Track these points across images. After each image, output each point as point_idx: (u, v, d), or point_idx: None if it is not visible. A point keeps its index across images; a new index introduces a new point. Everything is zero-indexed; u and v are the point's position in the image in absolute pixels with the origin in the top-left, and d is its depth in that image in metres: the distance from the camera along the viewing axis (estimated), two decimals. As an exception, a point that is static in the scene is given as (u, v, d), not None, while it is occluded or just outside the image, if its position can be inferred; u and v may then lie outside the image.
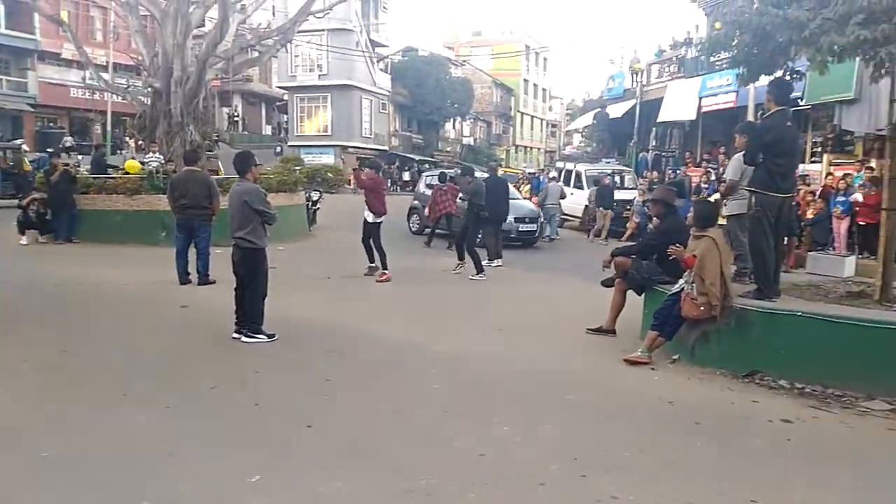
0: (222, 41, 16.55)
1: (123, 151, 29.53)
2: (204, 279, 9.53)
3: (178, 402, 4.98)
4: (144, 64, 16.92)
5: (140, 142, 19.45)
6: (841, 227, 12.76)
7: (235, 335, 6.71)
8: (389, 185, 35.74)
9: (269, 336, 6.67)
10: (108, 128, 34.46)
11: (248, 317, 6.72)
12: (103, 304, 8.45)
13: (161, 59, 16.01)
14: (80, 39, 21.82)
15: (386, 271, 10.39)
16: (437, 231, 15.94)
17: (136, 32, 17.09)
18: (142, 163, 15.51)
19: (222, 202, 8.64)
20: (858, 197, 12.63)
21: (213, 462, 3.98)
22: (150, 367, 5.85)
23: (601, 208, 18.27)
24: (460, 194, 14.03)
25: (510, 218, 15.18)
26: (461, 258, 11.53)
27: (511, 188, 18.08)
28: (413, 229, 18.17)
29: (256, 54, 21.57)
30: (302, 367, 5.93)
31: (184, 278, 9.55)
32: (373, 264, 10.64)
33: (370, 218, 10.52)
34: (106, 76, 23.84)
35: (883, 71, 6.31)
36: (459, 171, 14.36)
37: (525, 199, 19.77)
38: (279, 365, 5.97)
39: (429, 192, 16.64)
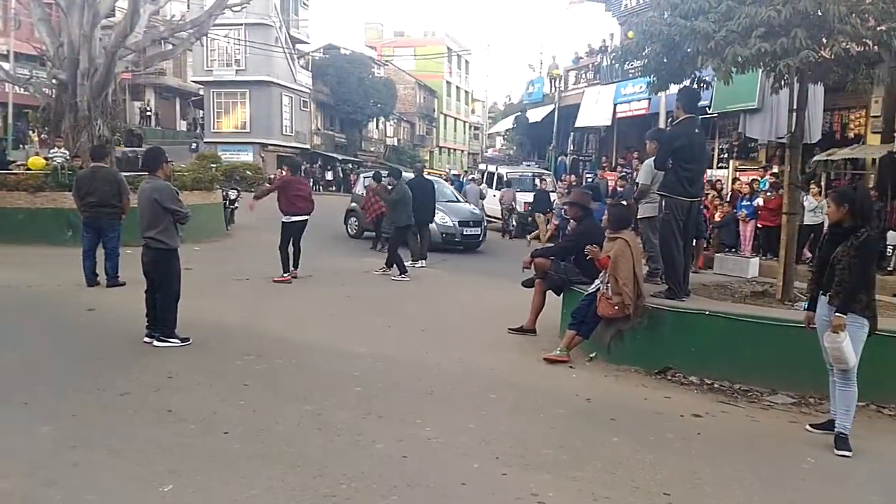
0: (133, 32, 15.89)
1: (26, 146, 27.89)
2: (113, 281, 9.11)
3: (86, 409, 4.74)
4: (48, 54, 16.03)
5: (44, 136, 18.44)
6: (746, 229, 13.47)
7: (147, 339, 6.45)
8: (312, 184, 35.12)
9: (183, 340, 6.45)
10: (10, 120, 32.44)
11: (160, 320, 6.47)
12: (2, 307, 7.95)
13: (67, 49, 15.23)
14: (-23, 26, 20.47)
15: (286, 275, 10.24)
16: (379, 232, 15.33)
17: (39, 21, 16.17)
18: (46, 158, 14.69)
19: (132, 200, 8.28)
20: (760, 201, 13.37)
21: (122, 472, 3.81)
22: (55, 374, 5.53)
23: (539, 213, 18.44)
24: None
25: (454, 221, 15.22)
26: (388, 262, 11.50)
27: (450, 191, 18.07)
28: (351, 233, 17.48)
29: (170, 47, 20.84)
30: (218, 372, 5.75)
31: (91, 280, 9.11)
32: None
33: (283, 218, 10.40)
34: (6, 66, 22.48)
35: (783, 82, 6.69)
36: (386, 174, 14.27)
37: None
38: (194, 370, 5.77)
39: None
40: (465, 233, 15.71)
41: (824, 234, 5.14)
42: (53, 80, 16.05)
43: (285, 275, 10.22)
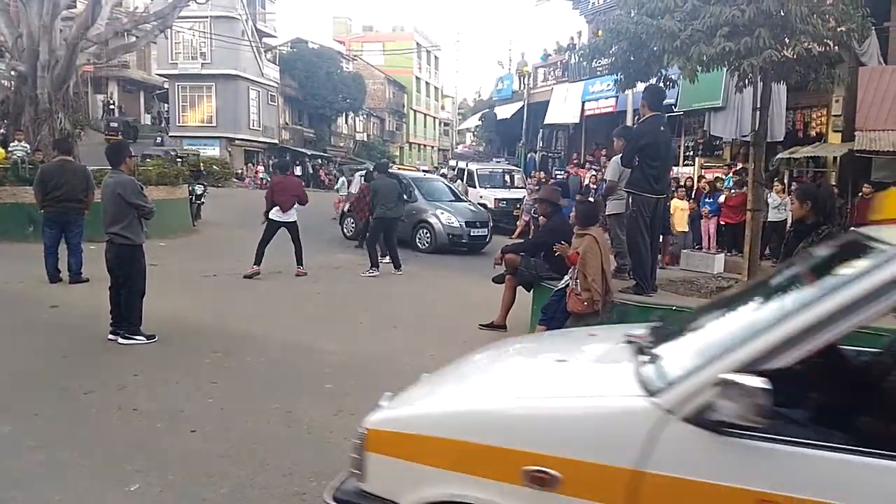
0: (94, 24, 15.57)
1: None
2: (76, 277, 8.93)
3: (49, 408, 4.65)
4: (7, 45, 15.63)
5: (3, 129, 17.97)
6: (709, 226, 13.69)
7: (112, 337, 6.34)
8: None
9: (149, 337, 6.36)
10: (-35, 113, 31.50)
11: (125, 317, 6.36)
12: (-41, 305, 7.74)
13: (26, 40, 14.86)
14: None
15: (256, 266, 10.25)
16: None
17: (-3, 11, 15.74)
18: (6, 151, 14.31)
19: (95, 195, 8.11)
20: (723, 198, 13.61)
21: (88, 471, 3.74)
22: (17, 372, 5.41)
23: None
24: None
25: (461, 222, 14.71)
26: (395, 263, 11.45)
27: (450, 188, 17.12)
28: (348, 234, 16.16)
29: (133, 39, 20.42)
30: (185, 370, 5.68)
31: (54, 276, 8.91)
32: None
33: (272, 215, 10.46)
34: (-38, 57, 21.81)
35: (746, 81, 6.82)
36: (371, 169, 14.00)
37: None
38: (160, 367, 5.69)
39: None
40: (472, 234, 14.99)
41: (789, 230, 5.26)
42: (12, 72, 15.66)
43: (255, 266, 10.13)
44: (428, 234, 14.82)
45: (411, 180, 16.02)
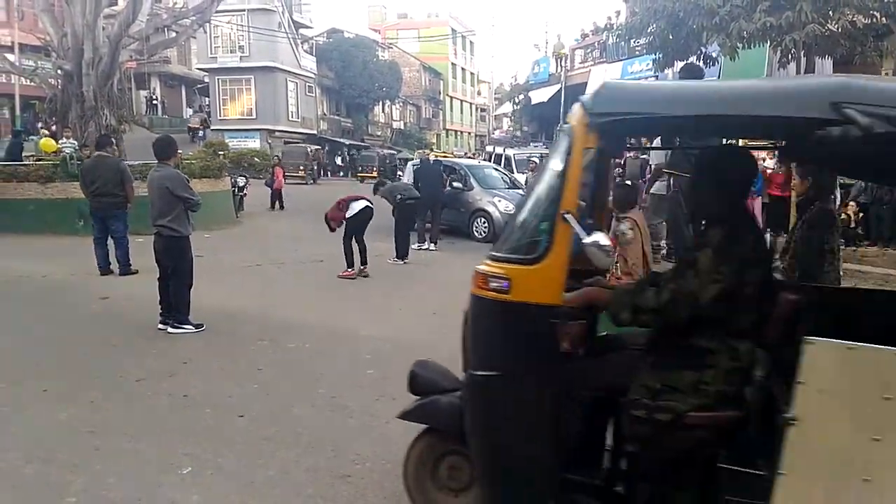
0: (135, 21, 15.89)
1: (36, 137, 27.97)
2: (125, 269, 9.21)
3: (103, 395, 4.83)
4: (53, 45, 16.07)
5: (53, 127, 18.52)
6: (752, 205, 13.37)
7: (161, 326, 6.53)
8: (317, 170, 35.02)
9: (197, 326, 6.53)
10: (17, 112, 32.54)
11: (173, 307, 6.55)
12: (18, 296, 8.06)
13: (71, 39, 15.25)
14: (-19, 18, 20.51)
15: (350, 269, 9.75)
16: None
17: (42, 11, 16.21)
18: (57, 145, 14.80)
19: (142, 189, 8.32)
20: (769, 168, 13.26)
21: (142, 455, 3.89)
22: (73, 362, 5.63)
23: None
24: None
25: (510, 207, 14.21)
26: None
27: (503, 176, 16.56)
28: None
29: (173, 34, 20.79)
30: (231, 357, 5.83)
31: (104, 268, 9.20)
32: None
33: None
34: (11, 58, 22.52)
35: (790, 56, 6.66)
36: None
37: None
38: (208, 355, 5.86)
39: None
40: None
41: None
42: (59, 71, 16.10)
43: (349, 269, 9.72)
44: (486, 223, 14.50)
45: (466, 167, 15.86)
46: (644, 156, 13.44)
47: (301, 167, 31.59)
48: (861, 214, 11.06)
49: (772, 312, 2.55)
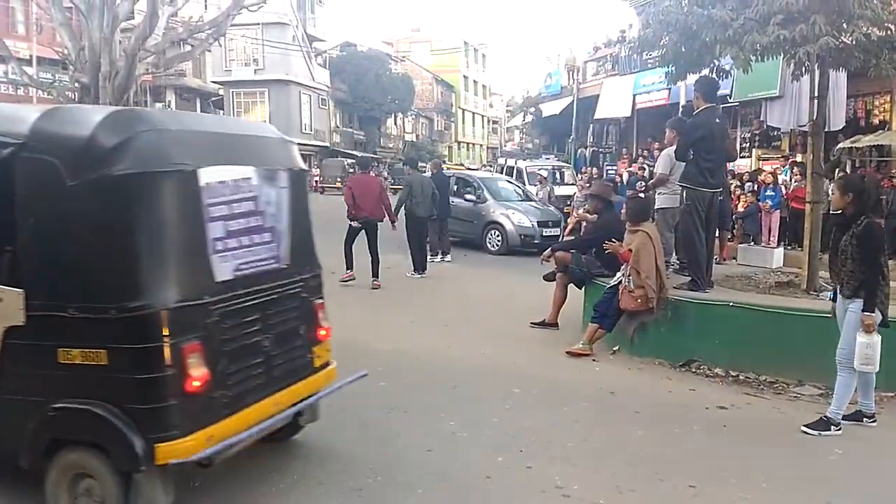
0: (152, 34, 16.06)
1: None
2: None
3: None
4: (70, 58, 16.26)
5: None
6: (770, 220, 13.25)
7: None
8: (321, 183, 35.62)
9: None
10: (33, 124, 32.94)
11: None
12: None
13: (88, 53, 15.43)
14: (1, 32, 20.84)
15: (349, 272, 10.05)
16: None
17: (60, 25, 16.41)
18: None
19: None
20: (784, 189, 13.18)
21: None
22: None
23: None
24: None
25: (533, 222, 14.30)
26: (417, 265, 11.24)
27: (518, 189, 16.42)
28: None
29: (189, 48, 20.99)
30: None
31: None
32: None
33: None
34: (30, 71, 22.81)
35: (803, 69, 6.61)
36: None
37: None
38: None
39: None
40: (544, 234, 14.26)
41: (831, 224, 5.11)
42: (76, 84, 16.27)
43: (349, 271, 9.98)
44: (499, 236, 14.42)
45: (480, 180, 15.86)
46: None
47: (339, 178, 33.88)
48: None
49: None
